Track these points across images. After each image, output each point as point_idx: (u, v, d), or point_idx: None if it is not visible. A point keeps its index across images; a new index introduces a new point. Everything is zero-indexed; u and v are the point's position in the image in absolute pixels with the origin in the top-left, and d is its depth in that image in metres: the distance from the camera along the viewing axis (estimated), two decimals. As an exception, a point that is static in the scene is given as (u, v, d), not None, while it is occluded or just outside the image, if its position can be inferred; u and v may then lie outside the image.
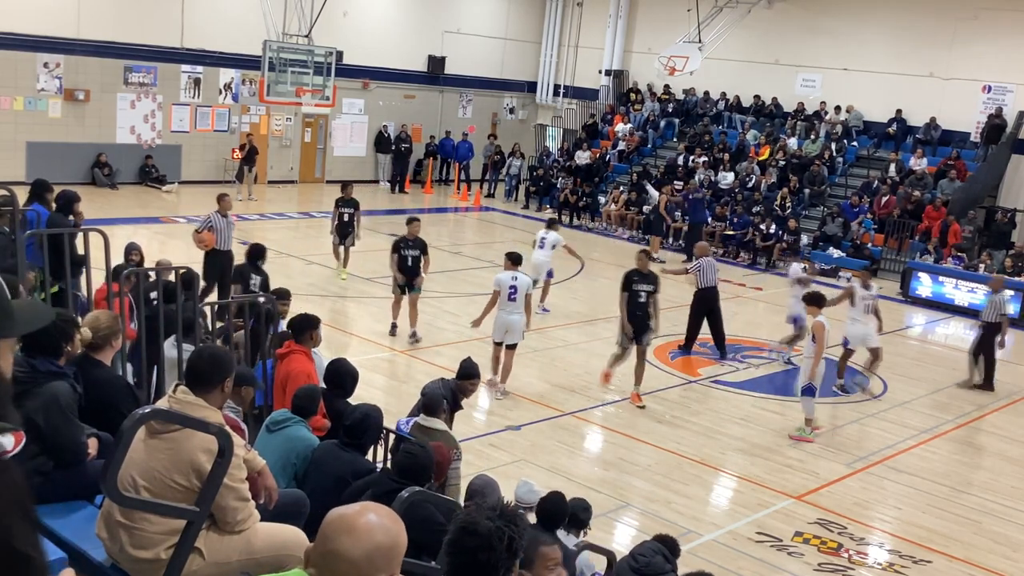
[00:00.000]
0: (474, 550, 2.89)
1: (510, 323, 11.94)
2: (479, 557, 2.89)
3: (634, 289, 12.19)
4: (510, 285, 11.89)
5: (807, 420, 11.65)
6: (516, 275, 12.03)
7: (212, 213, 13.55)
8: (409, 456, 5.49)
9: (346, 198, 16.75)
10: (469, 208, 27.72)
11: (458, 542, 2.93)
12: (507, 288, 11.87)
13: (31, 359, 4.50)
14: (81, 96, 23.29)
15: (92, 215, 15.40)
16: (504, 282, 11.93)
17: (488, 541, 2.89)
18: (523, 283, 12.02)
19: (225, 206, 13.61)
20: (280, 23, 21.90)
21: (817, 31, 26.97)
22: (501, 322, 11.99)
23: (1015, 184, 24.09)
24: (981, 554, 9.19)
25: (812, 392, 11.56)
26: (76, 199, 10.38)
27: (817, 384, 11.55)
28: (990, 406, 13.82)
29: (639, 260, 12.42)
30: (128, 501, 3.70)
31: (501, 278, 12.02)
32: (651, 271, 12.41)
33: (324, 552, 2.20)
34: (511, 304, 11.89)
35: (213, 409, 3.95)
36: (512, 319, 11.92)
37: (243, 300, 8.75)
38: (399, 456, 5.59)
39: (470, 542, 2.90)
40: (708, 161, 26.36)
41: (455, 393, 8.08)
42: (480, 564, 2.90)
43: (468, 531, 2.91)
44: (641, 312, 12.17)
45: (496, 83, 32.43)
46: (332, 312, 14.71)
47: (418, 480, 5.28)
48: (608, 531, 8.65)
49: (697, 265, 14.54)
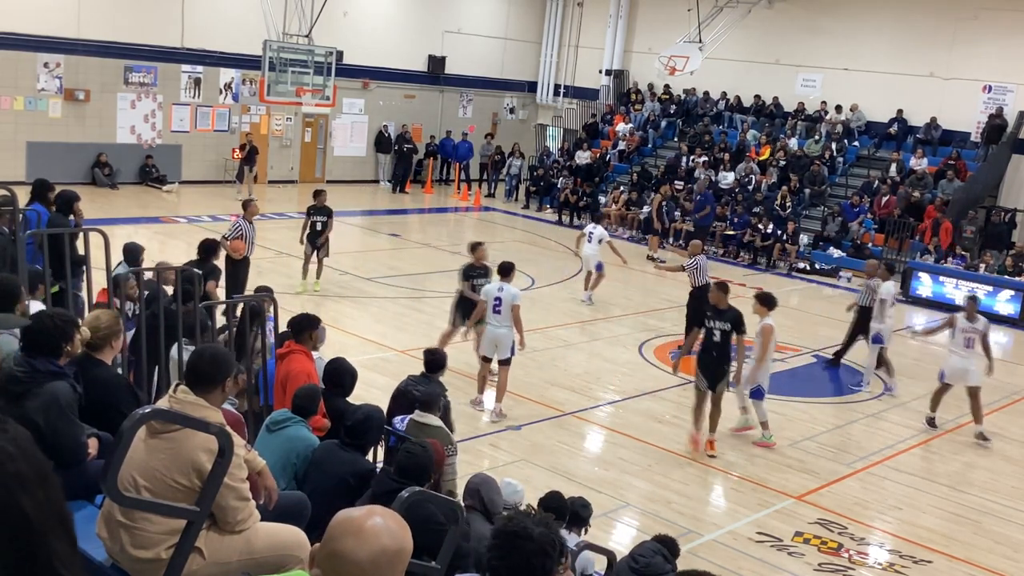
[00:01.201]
0: (529, 554, 2.93)
1: (497, 337, 11.28)
2: (533, 562, 2.93)
3: (708, 327, 10.86)
4: (495, 297, 11.27)
5: (763, 424, 11.37)
6: (502, 286, 11.35)
7: (239, 219, 13.36)
8: (410, 456, 5.49)
9: (319, 206, 15.51)
10: (469, 208, 27.73)
11: (511, 547, 2.96)
12: (492, 300, 11.28)
13: (31, 359, 4.50)
14: (81, 96, 23.29)
15: (92, 215, 15.41)
16: (490, 293, 11.35)
17: (543, 547, 2.95)
18: (508, 295, 11.25)
19: (252, 211, 13.50)
20: (280, 23, 21.90)
21: (817, 31, 26.97)
22: (488, 336, 11.38)
23: (1015, 184, 24.09)
24: (982, 554, 9.19)
25: (760, 395, 11.27)
26: (76, 199, 10.37)
27: (765, 385, 11.29)
28: (991, 405, 13.82)
29: (714, 295, 11.03)
30: (128, 501, 3.70)
31: (487, 289, 11.49)
32: (730, 306, 10.91)
33: (329, 553, 2.20)
34: (496, 317, 11.24)
35: (213, 409, 3.95)
36: (499, 333, 11.25)
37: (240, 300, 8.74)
38: (400, 455, 5.59)
39: (525, 547, 2.94)
40: (708, 161, 26.37)
41: None
42: (534, 569, 2.95)
43: (522, 536, 2.95)
44: (717, 353, 10.79)
45: (496, 83, 32.43)
46: (333, 312, 14.69)
47: (419, 480, 5.28)
48: (608, 531, 8.65)
49: (694, 263, 14.51)
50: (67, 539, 1.57)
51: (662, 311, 17.10)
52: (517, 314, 11.23)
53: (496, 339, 11.30)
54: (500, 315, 11.22)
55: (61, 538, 1.55)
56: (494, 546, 2.98)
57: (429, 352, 8.72)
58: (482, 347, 11.57)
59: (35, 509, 1.51)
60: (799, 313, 18.30)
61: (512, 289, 11.40)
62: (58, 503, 1.57)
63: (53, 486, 1.57)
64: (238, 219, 13.44)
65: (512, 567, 2.97)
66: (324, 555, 2.22)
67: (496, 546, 2.98)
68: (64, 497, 1.59)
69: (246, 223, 13.24)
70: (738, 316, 10.76)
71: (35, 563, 1.50)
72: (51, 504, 1.55)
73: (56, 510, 1.56)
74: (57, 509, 1.56)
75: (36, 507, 1.51)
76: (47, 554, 1.52)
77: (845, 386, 14.09)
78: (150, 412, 3.72)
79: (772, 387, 13.53)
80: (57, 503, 1.56)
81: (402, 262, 19.41)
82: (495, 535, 3.02)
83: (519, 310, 11.26)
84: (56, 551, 1.53)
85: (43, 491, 1.54)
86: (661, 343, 15.11)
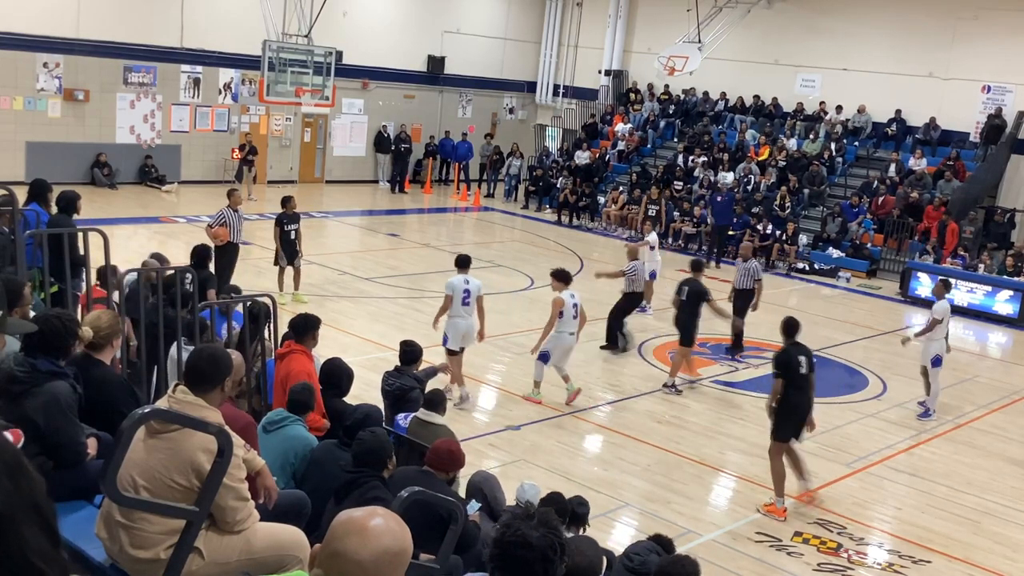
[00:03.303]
0: (531, 563, 2.89)
1: (468, 328, 11.56)
2: (536, 569, 2.89)
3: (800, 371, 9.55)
4: (463, 289, 11.47)
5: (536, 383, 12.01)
6: (468, 279, 11.58)
7: (223, 208, 13.95)
8: (361, 443, 5.43)
9: (289, 213, 15.11)
10: (469, 208, 27.74)
11: (512, 557, 2.91)
12: (460, 292, 11.45)
13: (32, 359, 4.49)
14: (81, 96, 23.29)
15: (92, 215, 15.42)
16: (457, 286, 11.49)
17: (544, 552, 2.89)
18: (475, 287, 11.56)
19: (235, 201, 14.08)
20: (280, 23, 21.90)
21: (817, 31, 26.98)
22: (459, 328, 11.51)
23: (1015, 184, 24.10)
24: (981, 554, 9.19)
25: (545, 359, 11.95)
26: (77, 199, 10.37)
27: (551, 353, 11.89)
28: (991, 405, 13.83)
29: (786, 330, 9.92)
30: (128, 501, 3.70)
31: (454, 283, 11.54)
32: None
33: (331, 552, 2.21)
34: (465, 308, 11.47)
35: (212, 409, 3.95)
36: (469, 323, 11.55)
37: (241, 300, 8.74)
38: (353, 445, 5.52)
39: (526, 556, 2.89)
40: (707, 161, 26.38)
41: None
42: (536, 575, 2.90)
43: (521, 545, 2.89)
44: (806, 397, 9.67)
45: (496, 83, 32.43)
46: (332, 312, 14.69)
47: (376, 467, 5.26)
48: (607, 531, 8.66)
49: (632, 267, 14.54)
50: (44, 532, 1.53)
51: (660, 311, 17.09)
52: (481, 304, 11.65)
53: (467, 330, 11.60)
54: (469, 306, 11.54)
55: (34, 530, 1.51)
56: (495, 556, 2.96)
57: (405, 343, 8.78)
58: (454, 340, 11.57)
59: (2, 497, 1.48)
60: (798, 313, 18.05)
61: (475, 280, 11.74)
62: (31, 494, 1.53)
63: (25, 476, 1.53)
64: (222, 208, 14.01)
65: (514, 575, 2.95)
66: (326, 555, 2.23)
67: (496, 555, 2.96)
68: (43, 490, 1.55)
69: (230, 211, 13.84)
70: None
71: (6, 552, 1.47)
72: (21, 493, 1.51)
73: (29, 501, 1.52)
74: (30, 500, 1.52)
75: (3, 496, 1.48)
76: (18, 544, 1.48)
77: (843, 386, 14.08)
78: (149, 412, 3.72)
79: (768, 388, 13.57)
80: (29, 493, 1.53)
81: (401, 262, 19.41)
82: (495, 544, 3.00)
83: (483, 300, 11.72)
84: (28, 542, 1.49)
85: (12, 481, 1.51)
86: (660, 343, 15.12)
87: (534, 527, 2.93)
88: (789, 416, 9.56)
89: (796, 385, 9.48)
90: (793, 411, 9.54)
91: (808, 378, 9.53)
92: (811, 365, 9.59)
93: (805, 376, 9.50)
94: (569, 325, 11.81)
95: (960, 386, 14.71)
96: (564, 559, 2.97)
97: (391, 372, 8.71)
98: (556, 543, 2.93)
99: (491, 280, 18.58)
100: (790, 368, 9.44)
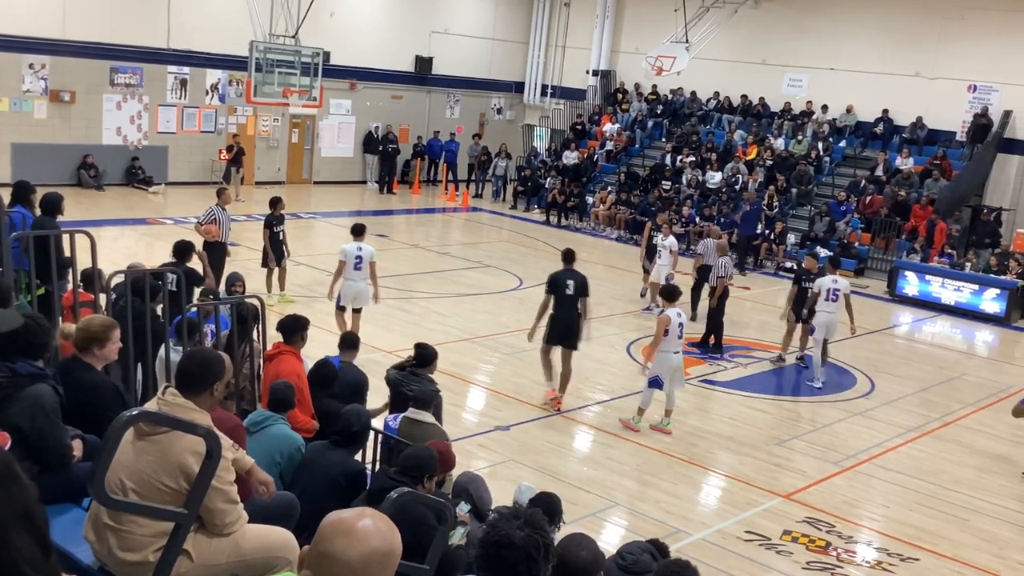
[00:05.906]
0: (514, 563, 2.88)
1: (358, 290, 12.91)
2: (519, 568, 2.88)
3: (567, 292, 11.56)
4: (355, 255, 12.79)
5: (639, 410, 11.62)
6: (360, 246, 12.88)
7: (213, 206, 14.01)
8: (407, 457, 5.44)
9: (277, 214, 15.07)
10: (457, 208, 27.72)
11: (496, 557, 2.90)
12: (352, 258, 12.78)
13: (10, 363, 4.43)
14: (67, 97, 23.18)
15: (78, 216, 15.36)
16: (350, 252, 12.82)
17: (527, 552, 2.88)
18: (367, 253, 12.83)
19: (225, 200, 14.18)
20: (267, 24, 21.84)
21: (804, 31, 27.06)
22: (350, 290, 12.89)
23: (1000, 183, 24.23)
24: (968, 551, 9.23)
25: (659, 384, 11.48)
26: (60, 200, 10.33)
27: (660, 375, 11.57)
28: (978, 403, 13.89)
29: None
30: (116, 504, 3.68)
31: (347, 249, 12.87)
32: None
33: (320, 554, 2.20)
34: (356, 272, 12.81)
35: (202, 412, 3.92)
36: (359, 286, 12.90)
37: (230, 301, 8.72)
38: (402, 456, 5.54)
39: (509, 555, 2.88)
40: (695, 161, 26.42)
41: None
42: (520, 574, 2.89)
43: (504, 545, 2.89)
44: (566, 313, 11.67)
45: (484, 83, 32.42)
46: (320, 313, 14.65)
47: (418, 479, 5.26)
48: (597, 531, 8.65)
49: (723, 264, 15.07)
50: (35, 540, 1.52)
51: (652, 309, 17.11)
52: (374, 269, 12.97)
53: (356, 292, 12.95)
54: (360, 271, 12.87)
55: (25, 538, 1.50)
56: (480, 556, 2.96)
57: (420, 346, 8.71)
58: (345, 299, 12.97)
59: None
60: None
61: (369, 247, 13.00)
62: (21, 502, 1.52)
63: (17, 483, 1.52)
64: (211, 206, 14.07)
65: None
66: (315, 556, 2.22)
67: (482, 556, 2.95)
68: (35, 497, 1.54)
69: (219, 209, 13.95)
70: None
71: None
72: (13, 501, 1.50)
73: (19, 509, 1.51)
74: (21, 508, 1.51)
75: None
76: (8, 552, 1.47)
77: (831, 385, 14.10)
78: (138, 414, 3.71)
79: (759, 387, 13.61)
80: (20, 502, 1.52)
81: (389, 263, 19.36)
82: (480, 544, 2.99)
83: (375, 266, 12.98)
84: (20, 550, 1.48)
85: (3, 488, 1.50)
86: (649, 342, 15.12)
87: (519, 527, 2.93)
88: (553, 326, 11.67)
89: (561, 302, 11.52)
90: (556, 322, 11.63)
91: (573, 299, 11.53)
92: (578, 288, 11.52)
93: (571, 297, 11.53)
94: (674, 344, 11.42)
95: (948, 384, 14.78)
96: (550, 559, 2.96)
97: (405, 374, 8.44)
98: (540, 543, 2.92)
99: (480, 280, 18.59)
100: (558, 287, 11.56)
